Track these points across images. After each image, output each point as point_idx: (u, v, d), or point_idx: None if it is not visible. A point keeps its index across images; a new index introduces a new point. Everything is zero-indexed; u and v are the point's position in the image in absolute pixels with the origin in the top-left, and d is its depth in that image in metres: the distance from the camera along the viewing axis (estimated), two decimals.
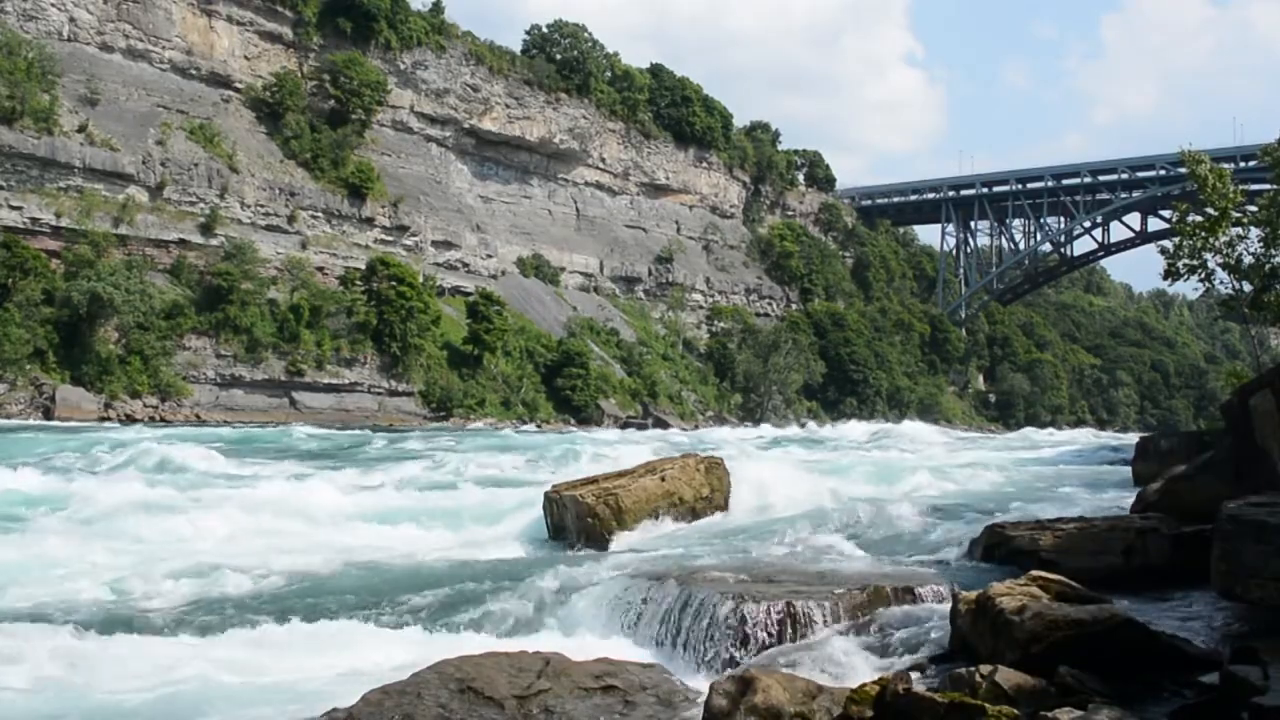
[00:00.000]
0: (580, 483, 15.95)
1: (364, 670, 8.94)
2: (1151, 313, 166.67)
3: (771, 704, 6.65)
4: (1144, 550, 10.86)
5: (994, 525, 12.13)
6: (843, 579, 10.45)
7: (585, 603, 10.75)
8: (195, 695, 8.26)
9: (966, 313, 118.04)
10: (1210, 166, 26.66)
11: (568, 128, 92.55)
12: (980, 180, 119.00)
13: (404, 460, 28.70)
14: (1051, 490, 20.54)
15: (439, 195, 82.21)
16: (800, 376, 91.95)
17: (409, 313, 66.75)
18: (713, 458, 17.50)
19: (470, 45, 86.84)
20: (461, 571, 12.98)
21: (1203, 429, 39.94)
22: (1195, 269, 26.93)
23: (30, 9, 60.74)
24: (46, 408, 49.93)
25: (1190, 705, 6.45)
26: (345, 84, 73.92)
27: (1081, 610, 7.54)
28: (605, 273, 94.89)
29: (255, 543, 15.10)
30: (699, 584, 10.12)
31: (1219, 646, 7.68)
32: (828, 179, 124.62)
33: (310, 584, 12.40)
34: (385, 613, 11.11)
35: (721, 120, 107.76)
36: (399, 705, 7.32)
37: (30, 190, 55.34)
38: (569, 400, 74.93)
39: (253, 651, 9.65)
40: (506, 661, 8.10)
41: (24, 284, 51.71)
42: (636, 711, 7.59)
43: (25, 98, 55.30)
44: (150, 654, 9.43)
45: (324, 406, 62.43)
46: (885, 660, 8.28)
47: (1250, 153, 69.45)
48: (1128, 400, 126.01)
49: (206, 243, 62.38)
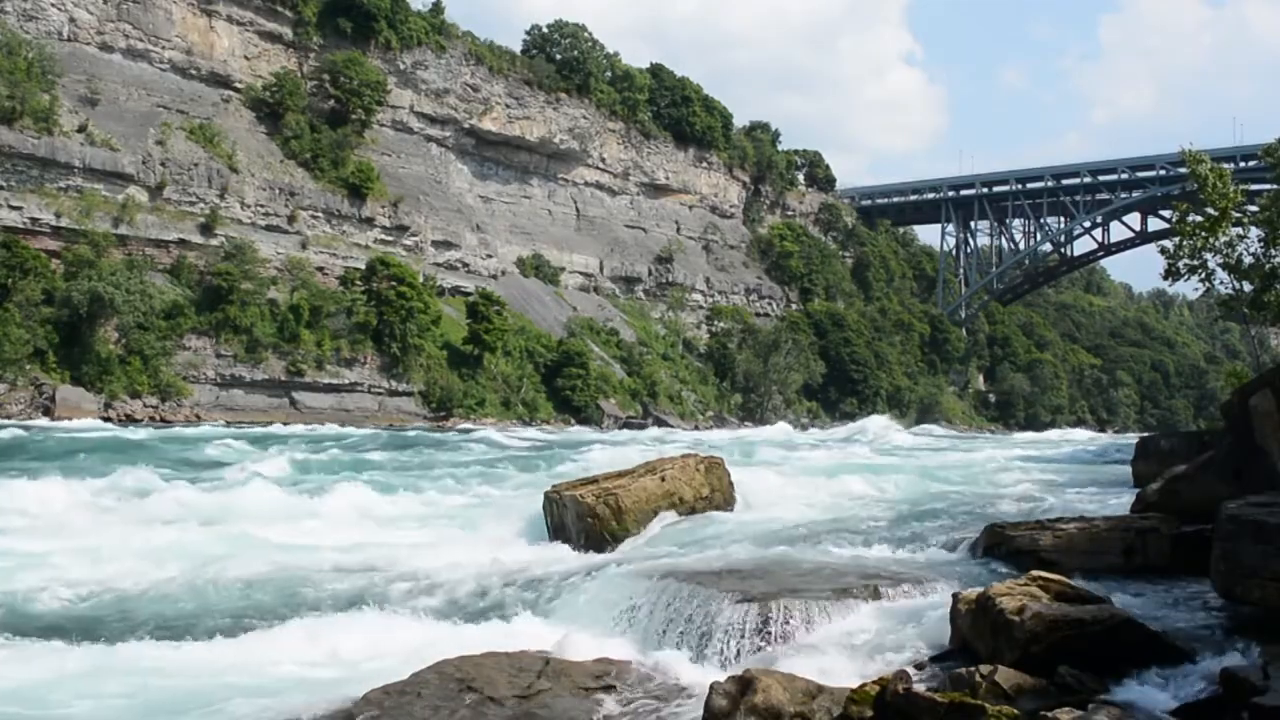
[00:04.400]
0: (580, 483, 15.95)
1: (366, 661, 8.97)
2: (1151, 313, 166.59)
3: (771, 704, 6.66)
4: (1144, 550, 10.87)
5: (994, 525, 12.14)
6: (842, 578, 10.45)
7: (585, 602, 10.77)
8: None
9: (966, 313, 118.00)
10: (1210, 166, 26.65)
11: (568, 128, 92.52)
12: (980, 180, 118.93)
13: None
14: (1051, 490, 20.53)
15: (439, 195, 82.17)
16: (800, 376, 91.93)
17: (409, 313, 66.71)
18: (713, 458, 17.49)
19: (470, 45, 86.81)
20: (462, 571, 13.00)
21: (1203, 429, 39.92)
22: (1195, 269, 26.93)
23: (30, 9, 60.70)
24: (46, 408, 49.88)
25: (1190, 705, 6.45)
26: (345, 84, 73.90)
27: (1081, 610, 7.54)
28: (605, 273, 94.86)
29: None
30: (699, 584, 10.12)
31: (1219, 646, 7.68)
32: (828, 179, 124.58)
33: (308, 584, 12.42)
34: (386, 611, 11.13)
35: (721, 120, 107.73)
36: (399, 704, 7.33)
37: (30, 190, 55.30)
38: (569, 400, 74.90)
39: (267, 644, 9.91)
40: (506, 661, 8.12)
41: (24, 284, 51.65)
42: (636, 711, 7.59)
43: (25, 98, 55.25)
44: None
45: (324, 406, 62.35)
46: (885, 660, 8.26)
47: (1250, 153, 69.58)
48: (1128, 400, 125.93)
49: (206, 243, 62.34)
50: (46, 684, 8.62)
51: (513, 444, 38.92)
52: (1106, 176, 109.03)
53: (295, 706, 7.92)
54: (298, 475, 24.23)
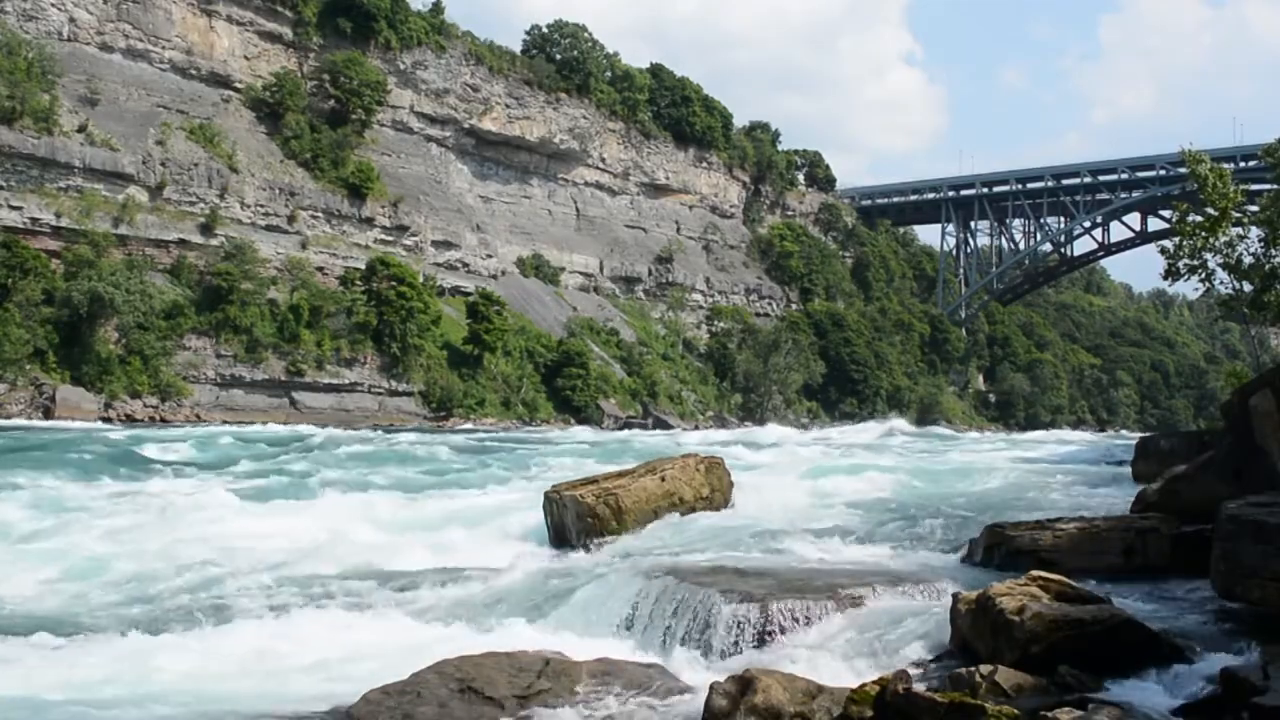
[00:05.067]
0: (580, 483, 15.94)
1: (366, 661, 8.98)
2: (1151, 313, 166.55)
3: (771, 704, 6.66)
4: (1144, 550, 10.87)
5: (994, 525, 12.13)
6: (843, 578, 10.45)
7: (585, 603, 10.76)
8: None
9: (966, 313, 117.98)
10: (1210, 166, 26.64)
11: (568, 128, 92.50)
12: (980, 180, 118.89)
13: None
14: (1051, 490, 20.53)
15: (439, 195, 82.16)
16: (800, 376, 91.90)
17: (409, 313, 66.69)
18: (713, 458, 17.46)
19: (470, 45, 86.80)
20: (462, 571, 13.00)
21: (1203, 429, 39.93)
22: (1195, 269, 26.93)
23: (30, 9, 60.69)
24: (46, 408, 49.88)
25: (1190, 704, 6.45)
26: (345, 84, 73.88)
27: (1081, 610, 7.54)
28: (605, 273, 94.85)
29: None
30: (699, 584, 10.12)
31: (1219, 646, 7.69)
32: (828, 179, 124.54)
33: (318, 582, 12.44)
34: (385, 611, 11.13)
35: (721, 120, 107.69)
36: (399, 704, 7.33)
37: (30, 190, 55.29)
38: (569, 400, 74.89)
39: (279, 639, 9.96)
40: (506, 661, 8.12)
41: (24, 284, 51.64)
42: (636, 711, 7.59)
43: (25, 98, 55.23)
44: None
45: (324, 407, 62.36)
46: (885, 660, 8.26)
47: (1250, 153, 69.56)
48: (1128, 400, 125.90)
49: (206, 243, 62.33)
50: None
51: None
52: (1106, 176, 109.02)
53: (295, 706, 7.92)
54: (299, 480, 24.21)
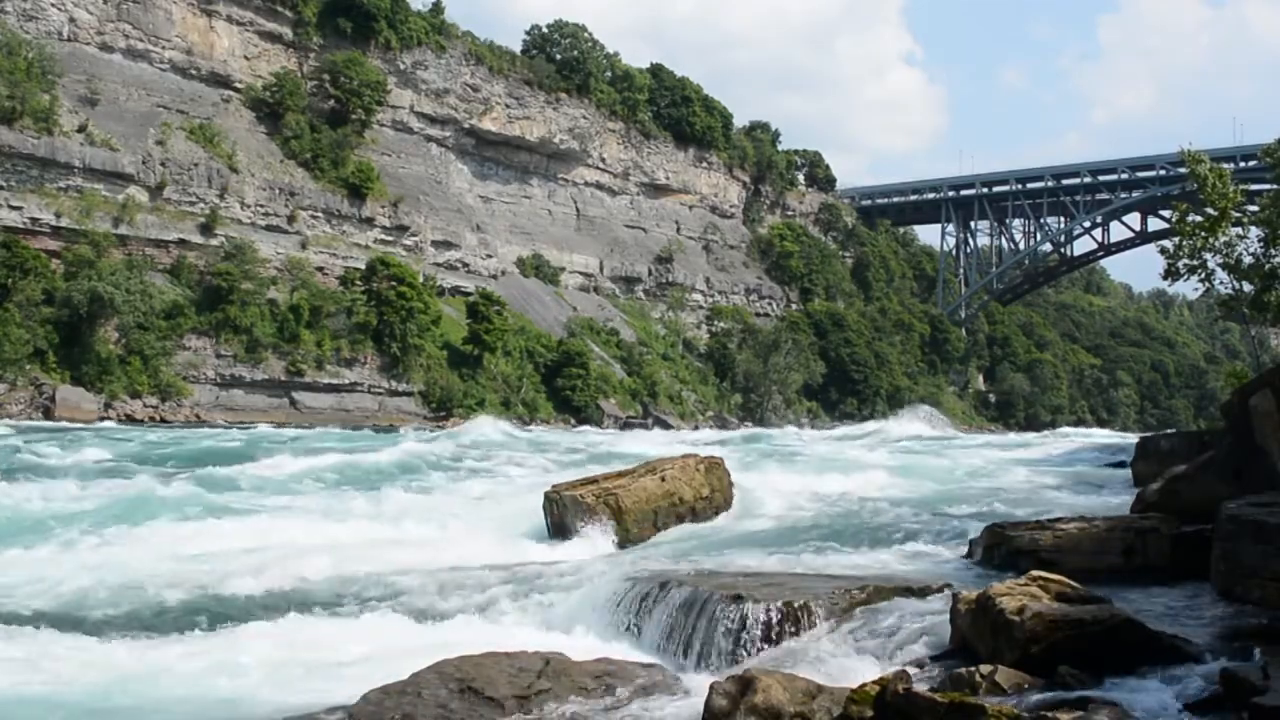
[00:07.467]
0: (580, 483, 15.94)
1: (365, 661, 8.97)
2: (1151, 313, 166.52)
3: (771, 704, 6.65)
4: (1144, 550, 10.84)
5: (994, 525, 12.11)
6: (843, 578, 10.44)
7: (585, 603, 10.75)
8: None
9: (966, 313, 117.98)
10: (1210, 166, 26.66)
11: (568, 128, 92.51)
12: (980, 180, 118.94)
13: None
14: (1051, 490, 20.53)
15: (439, 195, 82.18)
16: (800, 376, 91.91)
17: (409, 313, 66.72)
18: (713, 458, 17.46)
19: (470, 45, 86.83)
20: (461, 571, 12.98)
21: (1203, 429, 39.89)
22: (1195, 269, 26.94)
23: (30, 9, 60.72)
24: (46, 408, 49.90)
25: (1190, 704, 6.44)
26: (345, 84, 73.91)
27: (1081, 610, 7.53)
28: (605, 273, 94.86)
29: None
30: (699, 584, 10.11)
31: (1219, 646, 7.68)
32: (828, 179, 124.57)
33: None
34: (385, 611, 11.12)
35: (721, 120, 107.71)
36: (399, 705, 7.33)
37: (30, 190, 55.32)
38: (569, 400, 74.90)
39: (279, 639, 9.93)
40: (506, 661, 8.11)
41: (24, 284, 51.67)
42: (636, 711, 7.58)
43: (25, 98, 55.27)
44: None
45: (324, 407, 62.39)
46: (885, 660, 8.25)
47: (1250, 153, 69.47)
48: (1128, 400, 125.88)
49: (206, 243, 62.37)
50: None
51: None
52: (1106, 176, 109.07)
53: (294, 706, 7.91)
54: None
